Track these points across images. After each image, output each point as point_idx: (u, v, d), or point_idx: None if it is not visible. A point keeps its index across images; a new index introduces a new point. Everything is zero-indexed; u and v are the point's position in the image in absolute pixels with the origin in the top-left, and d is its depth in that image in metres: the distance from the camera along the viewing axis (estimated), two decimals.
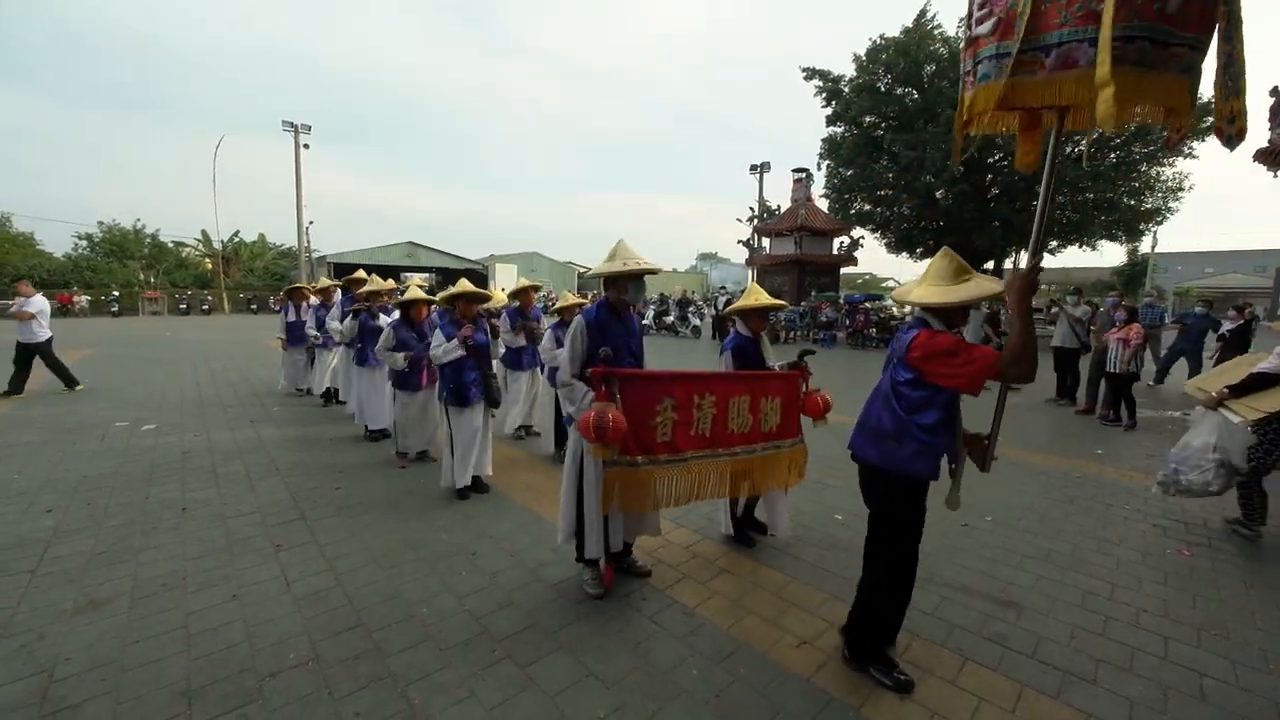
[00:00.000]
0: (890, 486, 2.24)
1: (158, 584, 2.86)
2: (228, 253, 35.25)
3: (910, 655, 2.40)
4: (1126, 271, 41.74)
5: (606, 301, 2.82)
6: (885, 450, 2.18)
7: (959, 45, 18.32)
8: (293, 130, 28.98)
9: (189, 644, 2.39)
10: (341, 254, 34.47)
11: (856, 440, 2.30)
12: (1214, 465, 3.59)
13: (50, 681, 2.15)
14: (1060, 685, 2.24)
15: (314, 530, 3.51)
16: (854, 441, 2.31)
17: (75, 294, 26.93)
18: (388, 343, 4.52)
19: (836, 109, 19.70)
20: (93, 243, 34.72)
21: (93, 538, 3.36)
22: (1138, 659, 2.42)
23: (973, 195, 17.66)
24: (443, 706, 2.06)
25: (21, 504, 3.84)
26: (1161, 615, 2.76)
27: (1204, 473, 3.61)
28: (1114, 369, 6.66)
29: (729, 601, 2.79)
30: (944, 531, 3.67)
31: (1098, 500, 4.28)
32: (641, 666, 2.30)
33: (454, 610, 2.67)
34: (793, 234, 19.80)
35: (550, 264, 48.56)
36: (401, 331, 4.60)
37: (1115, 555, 3.38)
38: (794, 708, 2.09)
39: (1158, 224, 18.51)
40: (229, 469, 4.65)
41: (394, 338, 4.54)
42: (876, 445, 2.21)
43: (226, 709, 2.03)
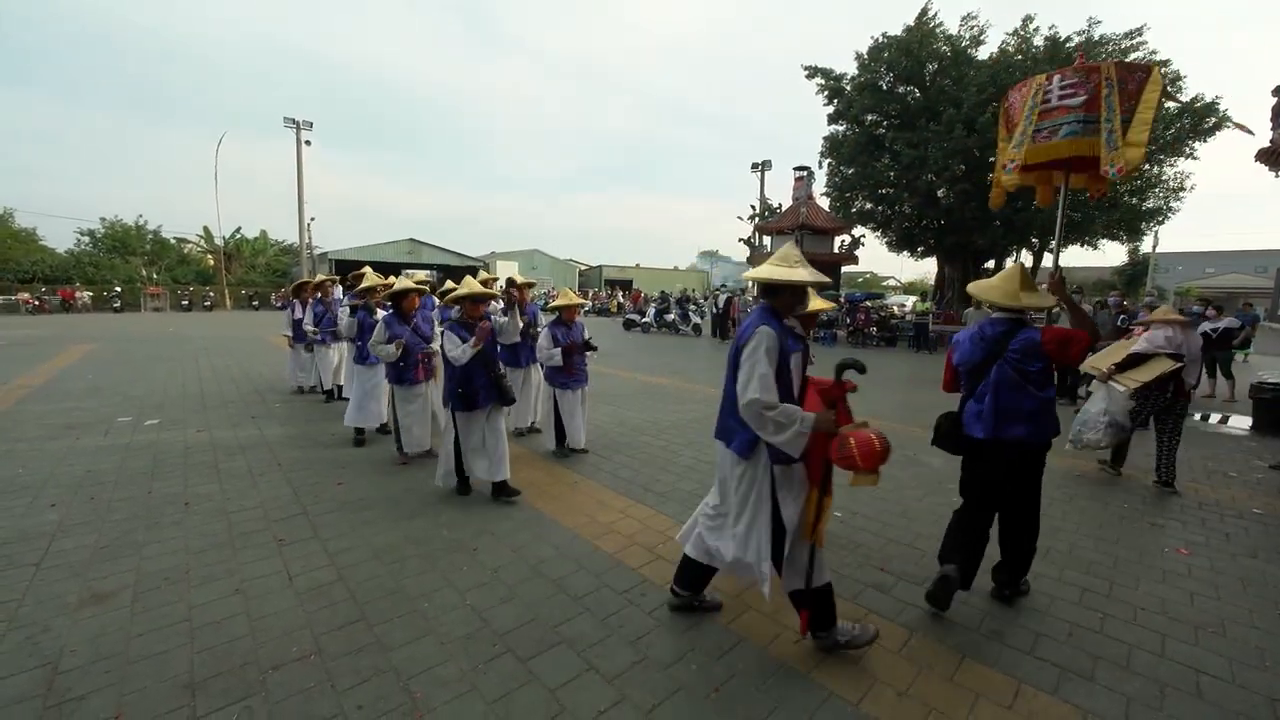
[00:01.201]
0: (1039, 453, 2.72)
1: (161, 578, 2.88)
2: (229, 249, 35.27)
3: (908, 651, 2.42)
4: (1128, 271, 41.72)
5: (771, 310, 2.33)
6: (1035, 426, 2.65)
7: (962, 44, 18.27)
8: (294, 127, 28.96)
9: (192, 637, 2.41)
10: (343, 251, 34.46)
11: (990, 426, 2.68)
12: (1104, 425, 4.49)
13: (55, 673, 2.17)
14: (1058, 682, 2.26)
15: (316, 525, 3.53)
16: (989, 427, 2.69)
17: (77, 290, 26.96)
18: (380, 336, 4.50)
19: (838, 107, 19.65)
20: (95, 239, 34.73)
21: (96, 532, 3.38)
22: (1135, 656, 2.43)
23: (974, 194, 17.61)
24: (444, 700, 2.08)
25: (25, 498, 3.86)
26: (1159, 613, 2.77)
27: (1098, 431, 4.51)
28: None
29: (728, 597, 2.80)
30: (943, 529, 3.67)
31: (1095, 499, 4.29)
32: (641, 661, 2.32)
33: (455, 605, 2.69)
34: (794, 232, 19.79)
35: (551, 261, 48.55)
36: (394, 325, 4.55)
37: (1113, 553, 3.40)
38: (793, 702, 2.11)
39: (1159, 223, 18.48)
40: (231, 464, 4.67)
41: (386, 331, 4.51)
42: (1024, 424, 2.65)
43: (230, 701, 2.05)
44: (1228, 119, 15.53)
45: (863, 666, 2.31)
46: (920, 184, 17.57)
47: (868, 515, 3.87)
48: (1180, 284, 42.39)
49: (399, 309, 4.67)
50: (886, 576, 3.06)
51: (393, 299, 4.73)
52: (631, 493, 4.17)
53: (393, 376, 4.73)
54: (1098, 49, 16.41)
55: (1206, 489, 4.62)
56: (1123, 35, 16.27)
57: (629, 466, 4.78)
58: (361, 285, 5.65)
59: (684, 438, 5.74)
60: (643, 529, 3.56)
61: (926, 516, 3.87)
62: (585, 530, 3.53)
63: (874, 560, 3.23)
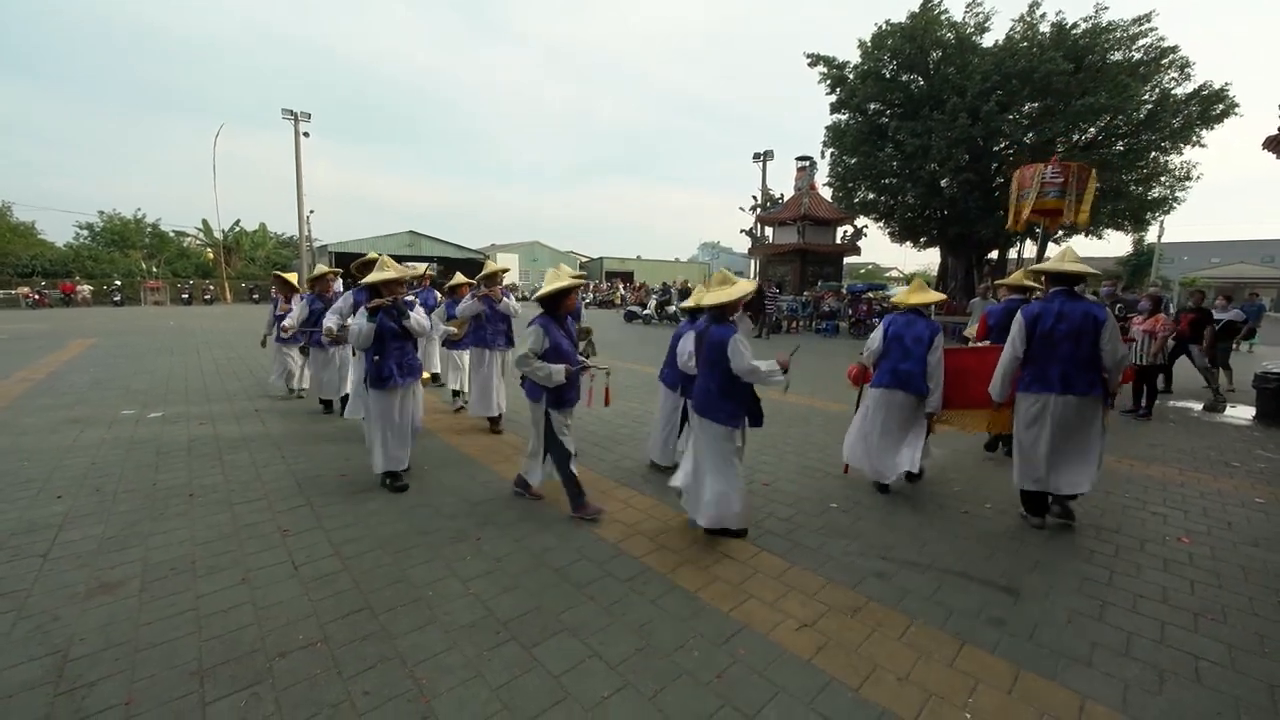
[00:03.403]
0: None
1: (167, 568, 2.91)
2: (229, 242, 35.22)
3: (909, 638, 2.43)
4: (1132, 261, 41.47)
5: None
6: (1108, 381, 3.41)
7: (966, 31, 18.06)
8: (293, 119, 28.80)
9: (199, 625, 2.44)
10: (343, 243, 34.40)
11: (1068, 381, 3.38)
12: None
13: (65, 661, 2.20)
14: (1057, 667, 2.27)
15: (320, 516, 3.55)
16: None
17: (78, 283, 26.99)
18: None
19: (841, 96, 19.46)
20: (94, 232, 34.73)
21: (102, 523, 3.41)
22: (1134, 643, 2.45)
23: (978, 184, 17.49)
24: (449, 686, 2.11)
25: (31, 490, 3.89)
26: (1159, 600, 2.79)
27: None
28: (1140, 361, 6.50)
29: (730, 586, 2.82)
30: (943, 518, 3.70)
31: (1097, 488, 4.28)
32: (644, 648, 2.34)
33: (459, 593, 2.71)
34: (796, 223, 19.71)
35: (552, 253, 48.41)
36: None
37: (1114, 542, 3.41)
38: (794, 688, 2.13)
39: (1165, 213, 18.33)
40: (235, 456, 4.69)
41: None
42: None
43: (238, 687, 2.08)
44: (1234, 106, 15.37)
45: (863, 653, 2.33)
46: (923, 174, 17.44)
47: (868, 504, 3.89)
48: (1185, 274, 42.16)
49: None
50: (888, 564, 3.07)
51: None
52: (633, 483, 4.19)
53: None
54: (1104, 36, 16.20)
55: (1209, 478, 4.62)
56: (1130, 21, 16.05)
57: (631, 457, 4.79)
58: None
59: None
60: (645, 518, 3.58)
61: (929, 504, 3.89)
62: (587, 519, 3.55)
63: (876, 549, 3.25)
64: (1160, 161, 17.01)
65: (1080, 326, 3.33)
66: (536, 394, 3.54)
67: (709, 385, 3.16)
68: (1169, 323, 6.64)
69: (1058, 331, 3.37)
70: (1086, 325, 3.33)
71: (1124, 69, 15.82)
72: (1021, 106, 16.82)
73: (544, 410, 3.52)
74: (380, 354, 3.80)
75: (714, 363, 3.09)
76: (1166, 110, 15.74)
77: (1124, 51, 16.25)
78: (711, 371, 3.13)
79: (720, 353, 3.03)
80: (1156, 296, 7.04)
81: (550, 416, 3.51)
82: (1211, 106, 15.70)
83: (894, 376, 3.96)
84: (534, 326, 3.46)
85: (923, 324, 3.99)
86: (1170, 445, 5.55)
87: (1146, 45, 16.04)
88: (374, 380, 3.85)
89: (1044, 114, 16.42)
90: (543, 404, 3.52)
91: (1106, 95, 14.96)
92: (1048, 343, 3.40)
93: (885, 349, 4.04)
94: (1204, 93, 15.65)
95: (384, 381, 3.82)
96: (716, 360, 3.07)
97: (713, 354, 3.09)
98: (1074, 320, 3.35)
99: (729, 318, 3.16)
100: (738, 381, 3.07)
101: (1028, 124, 16.87)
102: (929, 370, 3.89)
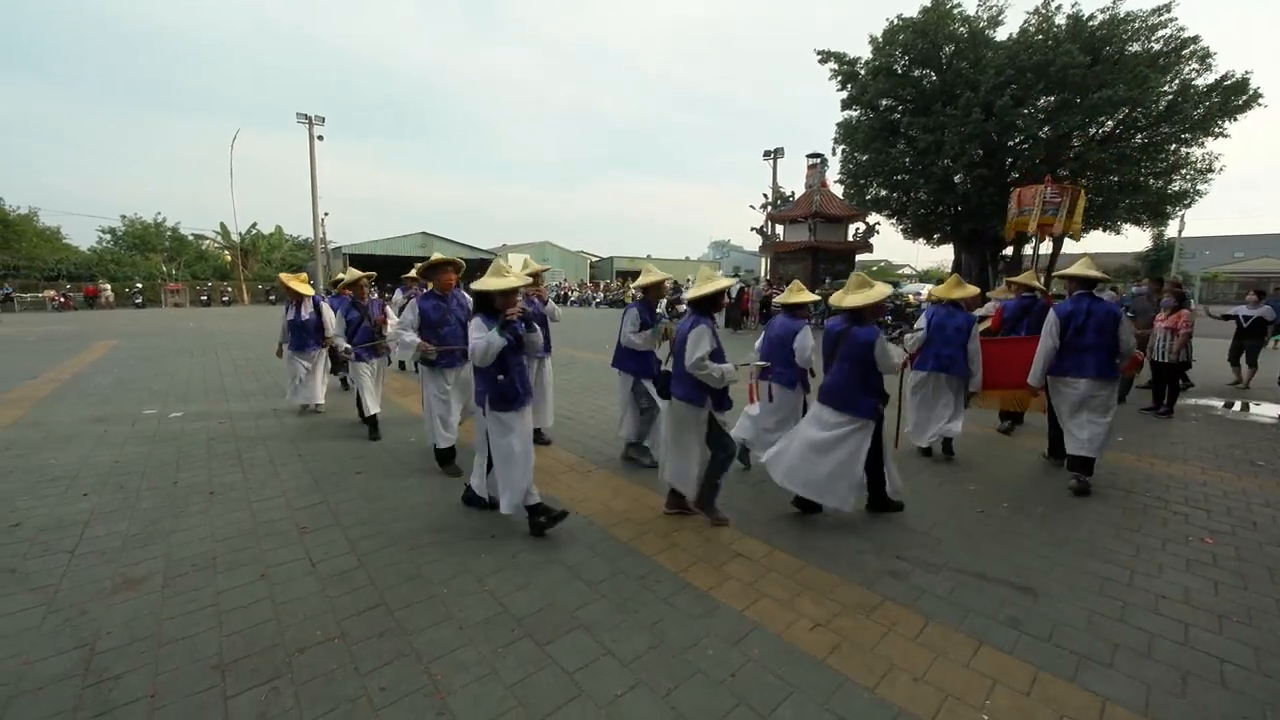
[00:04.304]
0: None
1: (189, 564, 2.97)
2: (246, 245, 35.79)
3: (924, 638, 2.41)
4: (1151, 257, 40.61)
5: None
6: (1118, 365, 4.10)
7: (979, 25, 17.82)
8: (307, 122, 29.17)
9: (220, 621, 2.49)
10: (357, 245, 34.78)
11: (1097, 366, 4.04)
12: None
13: (92, 654, 2.26)
14: (1076, 669, 2.24)
15: (336, 514, 3.60)
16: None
17: (100, 286, 27.58)
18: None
19: (852, 92, 19.30)
20: (116, 236, 35.47)
21: (126, 520, 3.48)
22: (1156, 644, 2.40)
23: (992, 180, 17.25)
24: (464, 682, 2.13)
25: (60, 487, 3.99)
26: (1182, 601, 2.73)
27: None
28: (1162, 358, 6.36)
29: (743, 584, 2.82)
30: (959, 518, 3.66)
31: (1116, 487, 4.22)
32: (657, 646, 2.34)
33: (474, 590, 2.73)
34: (807, 220, 19.56)
35: (562, 253, 48.57)
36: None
37: (1134, 542, 3.35)
38: (809, 688, 2.12)
39: (1185, 207, 17.95)
40: (253, 454, 4.77)
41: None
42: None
43: (258, 682, 2.11)
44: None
45: (879, 653, 2.32)
46: (936, 170, 17.25)
47: None
48: (1207, 269, 41.21)
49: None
50: (903, 564, 3.05)
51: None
52: (647, 481, 4.19)
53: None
54: (1123, 27, 15.90)
55: (1232, 477, 4.52)
56: (1150, 12, 15.73)
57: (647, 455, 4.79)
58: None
59: None
60: (657, 516, 3.59)
61: (944, 503, 3.85)
62: (600, 517, 3.56)
63: (891, 548, 3.22)
64: (1181, 154, 16.67)
65: (1103, 322, 4.01)
66: (699, 398, 3.36)
67: (848, 381, 3.40)
68: (1191, 319, 6.47)
69: (1087, 326, 4.04)
70: (1108, 321, 4.01)
71: (1143, 60, 15.51)
72: (1037, 100, 16.57)
73: (707, 413, 3.41)
74: (504, 371, 3.26)
75: (856, 360, 3.35)
76: (1187, 102, 15.39)
77: (1143, 43, 15.94)
78: (852, 368, 3.38)
79: (867, 351, 3.30)
80: (1179, 292, 6.88)
81: (713, 419, 3.45)
82: (1234, 97, 15.35)
83: (937, 361, 4.65)
84: (701, 328, 3.31)
85: (962, 315, 4.65)
86: (1192, 443, 5.44)
87: (1166, 36, 15.71)
88: (501, 402, 3.25)
89: (1060, 108, 16.15)
90: (705, 407, 3.39)
91: (1125, 87, 14.67)
92: (1079, 335, 4.06)
93: (930, 337, 4.68)
94: (1226, 83, 15.29)
95: (513, 402, 3.27)
96: (861, 358, 3.33)
97: (856, 352, 3.33)
98: (1099, 317, 4.03)
99: (870, 320, 3.46)
100: (874, 376, 3.37)
101: (1043, 118, 16.60)
102: (970, 355, 4.55)
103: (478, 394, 3.31)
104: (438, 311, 4.24)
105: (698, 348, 3.24)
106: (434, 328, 4.18)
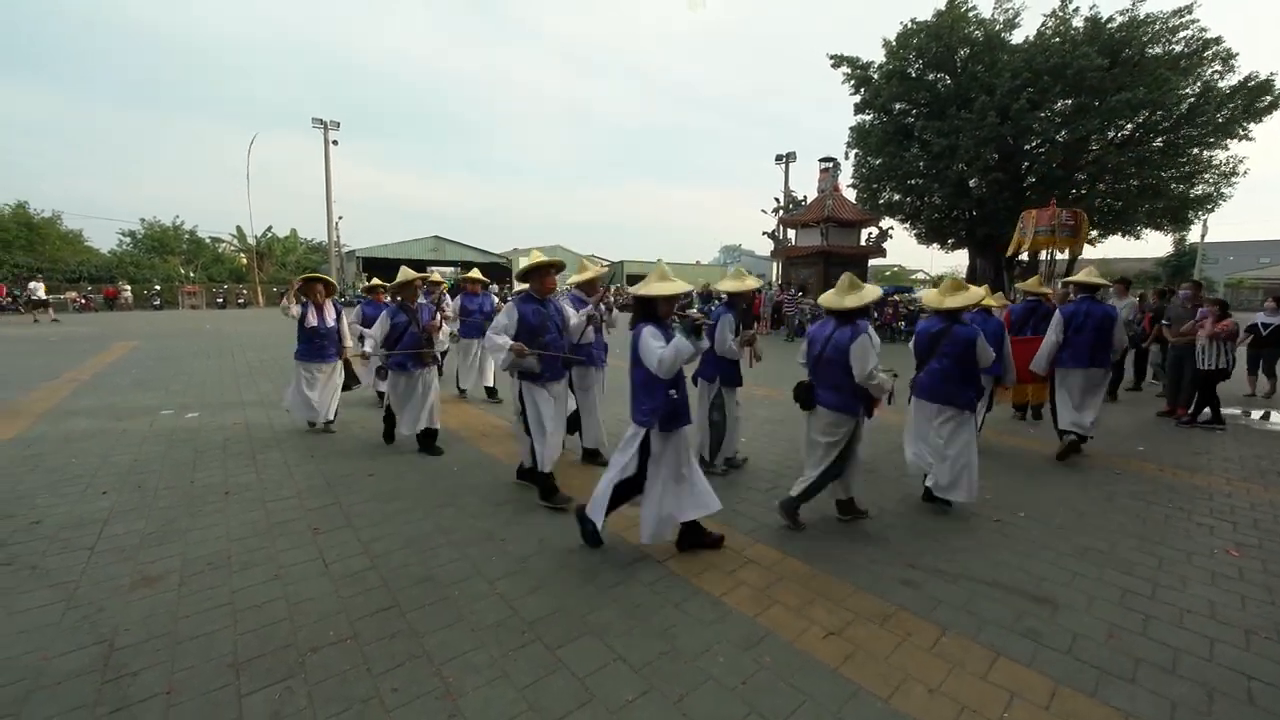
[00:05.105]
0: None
1: (204, 563, 3.00)
2: (261, 248, 36.33)
3: (940, 649, 2.37)
4: (1172, 262, 39.82)
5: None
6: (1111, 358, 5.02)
7: (995, 28, 17.67)
8: (322, 127, 29.62)
9: (235, 619, 2.51)
10: (370, 249, 35.23)
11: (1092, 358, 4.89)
12: None
13: (111, 650, 2.29)
14: (1097, 683, 2.19)
15: (349, 515, 3.63)
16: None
17: (120, 288, 28.13)
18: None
19: (865, 96, 19.23)
20: (135, 239, 36.18)
21: (144, 518, 3.54)
22: (1181, 660, 2.34)
23: (1008, 184, 17.08)
24: (476, 685, 2.12)
25: (80, 486, 4.06)
26: (1207, 616, 2.66)
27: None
28: (1207, 366, 6.15)
29: (755, 591, 2.79)
30: (975, 527, 3.60)
31: (1138, 498, 4.14)
32: (669, 652, 2.33)
33: (485, 593, 2.74)
34: (819, 225, 19.45)
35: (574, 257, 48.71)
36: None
37: (1157, 554, 3.27)
38: (821, 696, 2.09)
39: (1208, 211, 17.63)
40: (267, 455, 4.83)
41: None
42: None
43: (272, 681, 2.13)
44: None
45: (893, 663, 2.28)
46: (951, 174, 17.11)
47: (895, 511, 3.81)
48: (1231, 275, 40.37)
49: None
50: (917, 572, 3.00)
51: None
52: None
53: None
54: (1142, 29, 15.68)
55: (1259, 488, 4.41)
56: (1170, 13, 15.50)
57: None
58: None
59: None
60: None
61: (958, 511, 3.79)
62: (611, 523, 3.53)
63: (904, 556, 3.18)
64: (1203, 157, 16.38)
65: (1100, 323, 4.80)
66: (855, 408, 3.36)
67: (951, 375, 3.74)
68: (1236, 327, 6.29)
69: (1086, 325, 4.81)
70: (1105, 322, 4.81)
71: (1163, 62, 15.29)
72: (1054, 104, 16.38)
73: (858, 421, 3.42)
74: (677, 385, 2.98)
75: (959, 356, 3.71)
76: (1209, 104, 15.14)
77: (1163, 44, 15.72)
78: (954, 364, 3.72)
79: (969, 347, 3.67)
80: (1223, 300, 6.72)
81: (859, 430, 3.45)
82: (1258, 99, 15.07)
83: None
84: (864, 339, 3.21)
85: (995, 321, 4.97)
86: (1216, 453, 5.32)
87: (1187, 37, 15.47)
88: (674, 421, 3.02)
89: (1077, 111, 15.96)
90: (860, 415, 3.40)
91: (1145, 90, 14.47)
92: (1079, 332, 4.83)
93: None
94: (1250, 85, 15.02)
95: (680, 420, 3.06)
96: (962, 354, 3.69)
97: (957, 348, 3.70)
98: (1096, 317, 4.82)
99: (963, 319, 3.86)
100: (975, 370, 3.76)
101: (1060, 121, 16.41)
102: (1003, 356, 4.66)
103: (643, 412, 3.00)
104: (538, 317, 3.74)
105: (867, 359, 3.16)
106: (533, 335, 3.68)
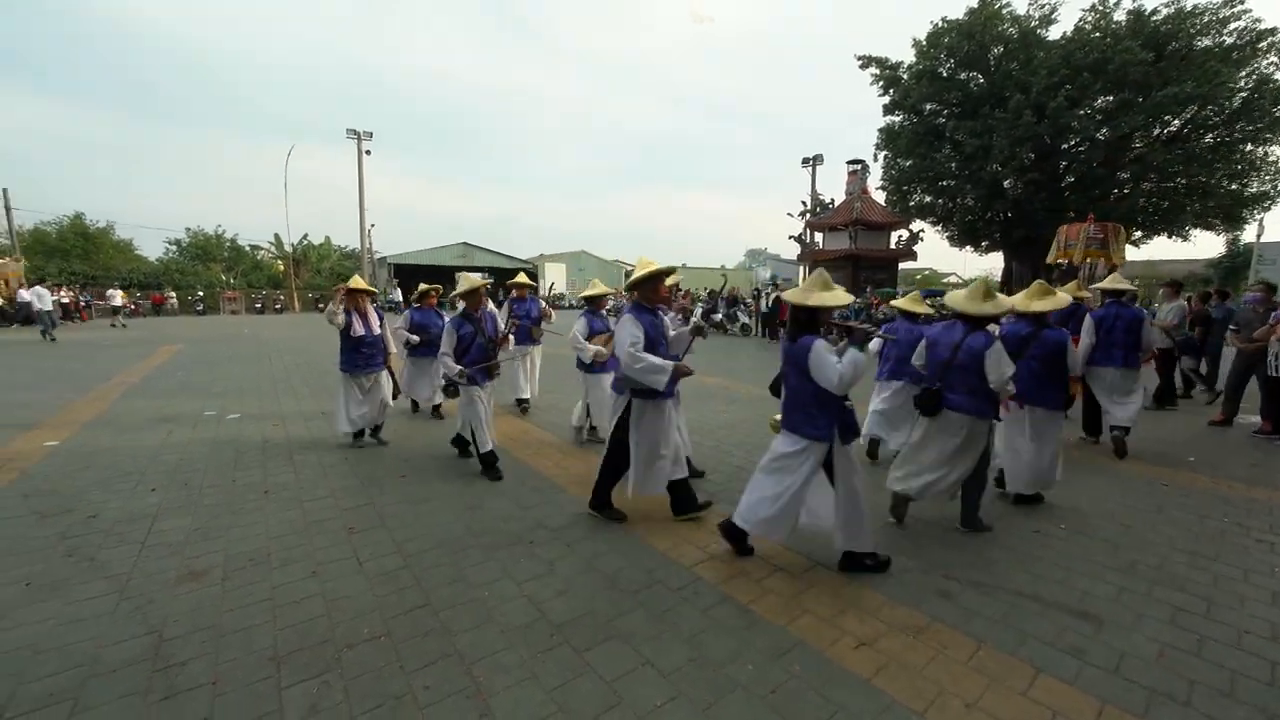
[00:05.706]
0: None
1: (246, 559, 3.11)
2: (297, 255, 37.57)
3: (977, 663, 2.30)
4: (1225, 264, 37.87)
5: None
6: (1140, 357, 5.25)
7: (1030, 25, 17.19)
8: (356, 138, 30.55)
9: (275, 614, 2.59)
10: (402, 255, 36.10)
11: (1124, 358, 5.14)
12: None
13: (161, 641, 2.39)
14: (1148, 704, 2.09)
15: (383, 515, 3.71)
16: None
17: (166, 294, 29.47)
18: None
19: (894, 97, 18.93)
20: (181, 248, 37.85)
21: (190, 515, 3.69)
22: (1239, 684, 2.22)
23: (1045, 184, 16.57)
24: (505, 685, 2.15)
25: (131, 482, 4.26)
26: (1269, 638, 2.52)
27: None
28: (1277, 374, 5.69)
29: (784, 599, 2.75)
30: (1014, 538, 3.48)
31: (1189, 511, 3.95)
32: (697, 659, 2.31)
33: (514, 595, 2.77)
34: (847, 228, 19.19)
35: (599, 262, 49.11)
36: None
37: (1211, 570, 3.11)
38: (853, 708, 2.05)
39: (1264, 209, 16.76)
40: (304, 456, 4.98)
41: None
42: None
43: (310, 675, 2.19)
44: None
45: (927, 675, 2.22)
46: (984, 175, 16.70)
47: (928, 520, 3.71)
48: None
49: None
50: (953, 584, 2.92)
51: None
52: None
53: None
54: (1190, 20, 15.04)
55: None
56: (1221, 3, 14.82)
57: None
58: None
59: (734, 438, 5.68)
60: (695, 528, 3.55)
61: (995, 522, 3.67)
62: (637, 527, 3.55)
63: (939, 567, 3.09)
64: (1258, 153, 15.60)
65: (1130, 325, 5.11)
66: (989, 411, 3.39)
67: (1041, 377, 3.91)
68: None
69: (1116, 327, 5.13)
70: (1134, 324, 5.10)
71: (1213, 55, 14.64)
72: (1094, 101, 15.85)
73: (989, 425, 3.48)
74: (847, 394, 2.88)
75: (1047, 358, 3.88)
76: (1265, 98, 14.42)
77: (1213, 36, 15.05)
78: (1043, 368, 3.89)
79: (1060, 350, 3.87)
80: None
81: (992, 434, 3.56)
82: None
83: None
84: (998, 346, 3.28)
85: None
86: (1274, 465, 5.03)
87: (1240, 28, 14.79)
88: (851, 433, 2.95)
89: (1120, 108, 15.38)
90: (990, 420, 3.46)
91: (1193, 84, 13.87)
92: (1110, 334, 5.15)
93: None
94: None
95: (854, 432, 3.00)
96: (1051, 356, 3.87)
97: (1045, 350, 3.88)
98: (1126, 320, 5.13)
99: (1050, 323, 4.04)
100: (1064, 371, 3.92)
101: (1101, 119, 15.85)
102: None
103: (821, 427, 2.87)
104: (655, 330, 3.48)
105: (1002, 365, 3.24)
106: (653, 348, 3.42)
